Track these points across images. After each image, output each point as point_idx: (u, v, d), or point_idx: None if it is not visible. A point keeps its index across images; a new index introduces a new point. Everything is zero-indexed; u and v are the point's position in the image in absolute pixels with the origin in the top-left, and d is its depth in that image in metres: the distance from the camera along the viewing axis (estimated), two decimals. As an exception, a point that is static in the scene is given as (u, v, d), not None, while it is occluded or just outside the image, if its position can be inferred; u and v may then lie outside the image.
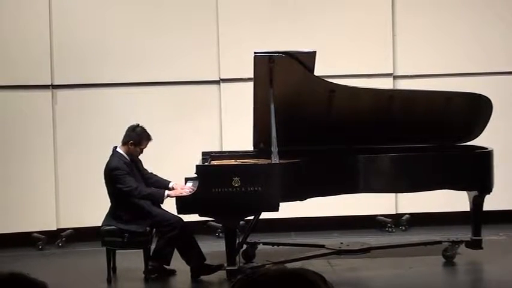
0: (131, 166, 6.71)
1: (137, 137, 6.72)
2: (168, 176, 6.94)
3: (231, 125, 8.38)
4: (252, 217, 6.77)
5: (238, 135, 7.91)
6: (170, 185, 6.75)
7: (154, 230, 6.71)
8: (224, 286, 6.50)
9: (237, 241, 6.45)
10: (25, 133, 8.27)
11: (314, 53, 6.36)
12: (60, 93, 8.40)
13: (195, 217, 6.53)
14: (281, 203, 6.26)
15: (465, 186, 6.88)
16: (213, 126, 8.49)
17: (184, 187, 6.62)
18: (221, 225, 7.67)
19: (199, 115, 8.45)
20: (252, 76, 6.42)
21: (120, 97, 8.43)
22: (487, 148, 6.89)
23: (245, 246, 7.10)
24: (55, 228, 8.32)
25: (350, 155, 6.68)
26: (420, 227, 8.47)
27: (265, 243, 7.35)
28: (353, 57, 8.45)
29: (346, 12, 8.54)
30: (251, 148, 6.96)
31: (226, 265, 6.42)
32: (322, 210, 7.99)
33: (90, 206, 7.95)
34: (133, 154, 6.75)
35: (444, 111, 6.91)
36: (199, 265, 6.67)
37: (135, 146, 6.72)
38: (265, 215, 6.77)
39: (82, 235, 8.17)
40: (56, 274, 6.85)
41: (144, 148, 6.77)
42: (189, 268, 6.69)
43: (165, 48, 8.44)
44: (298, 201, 6.47)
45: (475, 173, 6.84)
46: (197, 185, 6.31)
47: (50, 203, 8.32)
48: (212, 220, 7.86)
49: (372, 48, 8.50)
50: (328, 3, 8.56)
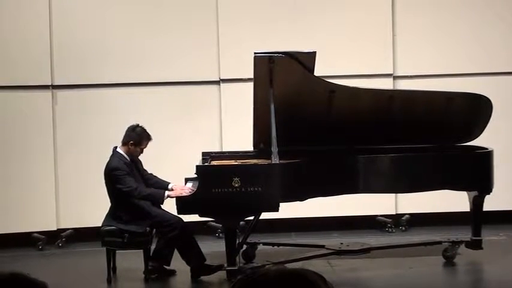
0: (131, 166, 6.71)
1: (137, 137, 6.72)
2: (168, 176, 6.94)
3: (231, 125, 8.38)
4: (252, 217, 6.78)
5: (238, 135, 7.91)
6: (169, 186, 6.74)
7: (154, 231, 6.71)
8: (224, 286, 6.50)
9: (237, 241, 6.45)
10: (25, 133, 8.27)
11: (314, 53, 6.36)
12: (60, 93, 8.40)
13: (195, 217, 6.53)
14: (281, 203, 6.26)
15: (465, 186, 6.88)
16: (213, 126, 8.49)
17: (184, 187, 6.61)
18: (221, 225, 7.67)
19: (199, 115, 8.45)
20: (252, 76, 6.42)
21: (120, 97, 8.43)
22: (487, 148, 6.89)
23: (245, 246, 7.10)
24: (55, 228, 8.32)
25: (350, 155, 6.68)
26: (420, 227, 8.47)
27: (265, 243, 7.35)
28: (353, 57, 8.45)
29: (346, 12, 8.54)
30: (251, 148, 6.96)
31: (226, 265, 6.42)
32: (322, 210, 7.99)
33: (90, 206, 7.96)
34: (133, 154, 6.75)
35: (444, 111, 6.91)
36: (199, 265, 6.67)
37: (135, 146, 6.72)
38: (265, 215, 6.77)
39: (82, 235, 8.17)
40: (56, 274, 6.85)
41: (144, 148, 6.77)
42: (189, 268, 6.69)
43: (165, 48, 8.44)
44: (298, 201, 6.47)
45: (475, 173, 6.84)
46: (197, 185, 6.31)
47: (50, 203, 8.32)
48: (212, 220, 7.86)
49: (372, 48, 8.50)
50: (328, 3, 8.56)
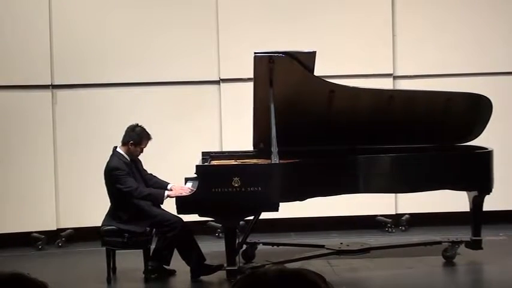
0: (131, 166, 6.71)
1: (137, 137, 6.72)
2: (168, 176, 6.94)
3: (231, 125, 8.38)
4: (252, 217, 6.78)
5: (238, 135, 7.92)
6: (169, 186, 6.74)
7: (154, 230, 6.71)
8: (224, 286, 6.50)
9: (237, 241, 6.45)
10: (25, 133, 8.28)
11: (314, 53, 6.36)
12: (60, 93, 8.40)
13: (195, 217, 6.53)
14: (281, 203, 6.26)
15: (465, 186, 6.89)
16: (213, 126, 8.50)
17: (183, 187, 6.61)
18: (221, 225, 7.67)
19: (199, 115, 8.46)
20: (252, 76, 6.43)
21: (120, 97, 8.43)
22: (487, 148, 6.89)
23: (245, 246, 7.11)
24: (55, 228, 8.32)
25: (350, 155, 6.68)
26: (420, 227, 8.47)
27: (265, 243, 7.35)
28: (353, 57, 8.45)
29: (346, 12, 8.54)
30: (251, 148, 6.96)
31: (226, 265, 6.42)
32: (322, 210, 8.00)
33: (90, 206, 7.96)
34: (133, 154, 6.75)
35: (444, 111, 6.91)
36: (199, 265, 6.67)
37: (136, 146, 6.72)
38: (265, 215, 6.77)
39: (82, 235, 8.18)
40: (56, 274, 6.85)
41: (144, 148, 6.77)
42: (189, 268, 6.69)
43: (165, 48, 8.44)
44: (298, 201, 6.47)
45: (475, 173, 6.84)
46: (197, 185, 6.31)
47: (50, 203, 8.32)
48: (212, 220, 7.87)
49: (372, 48, 8.51)
50: (328, 3, 8.57)
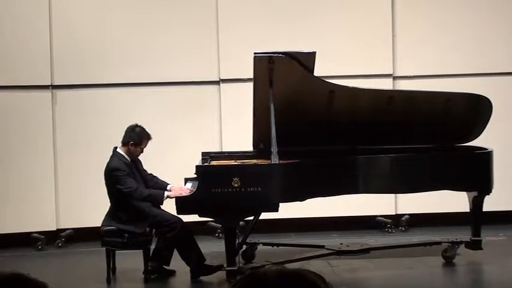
0: (131, 167, 6.72)
1: (137, 137, 6.72)
2: (168, 176, 6.94)
3: (231, 125, 8.38)
4: (252, 217, 6.78)
5: (238, 135, 7.92)
6: (168, 187, 6.74)
7: (154, 231, 6.71)
8: (224, 286, 6.50)
9: (237, 241, 6.45)
10: (25, 133, 8.28)
11: (314, 54, 6.36)
12: (60, 93, 8.40)
13: (195, 217, 6.53)
14: (281, 204, 6.26)
15: (465, 186, 6.89)
16: (213, 126, 8.50)
17: (182, 188, 6.62)
18: (221, 225, 7.67)
19: (199, 115, 8.46)
20: (252, 76, 6.43)
21: (120, 97, 8.43)
22: (487, 149, 6.89)
23: (245, 246, 7.11)
24: (55, 228, 8.32)
25: (349, 156, 6.68)
26: (420, 228, 8.48)
27: (264, 243, 7.35)
28: (353, 57, 8.45)
29: (346, 12, 8.54)
30: (251, 148, 6.96)
31: (226, 265, 6.42)
32: (322, 210, 8.00)
33: (89, 206, 7.96)
34: (133, 154, 6.75)
35: (444, 112, 6.91)
36: (199, 265, 6.67)
37: (136, 146, 6.72)
38: (265, 216, 6.77)
39: (82, 235, 8.18)
40: (56, 274, 6.85)
41: (144, 148, 6.77)
42: (189, 268, 6.69)
43: (165, 48, 8.44)
44: (297, 201, 6.47)
45: (475, 174, 6.84)
46: (197, 186, 6.31)
47: (50, 203, 8.32)
48: (212, 220, 7.86)
49: (372, 48, 8.51)
50: (328, 3, 8.57)
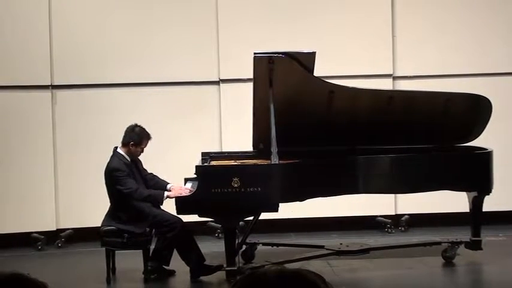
0: (131, 167, 6.72)
1: (137, 137, 6.72)
2: (168, 176, 6.94)
3: (231, 126, 8.38)
4: (252, 217, 6.78)
5: (238, 135, 7.92)
6: (168, 187, 6.74)
7: (153, 231, 6.71)
8: (223, 287, 6.50)
9: (237, 242, 6.45)
10: (25, 133, 8.28)
11: (314, 54, 6.36)
12: (60, 93, 8.40)
13: (195, 217, 6.53)
14: (280, 204, 6.26)
15: (465, 187, 6.89)
16: (213, 126, 8.50)
17: (182, 188, 6.62)
18: (220, 225, 7.66)
19: (199, 115, 8.46)
20: (252, 76, 6.43)
21: (119, 97, 8.43)
22: (487, 149, 6.89)
23: (244, 246, 7.11)
24: (54, 228, 8.32)
25: (349, 156, 6.68)
26: (420, 228, 8.48)
27: (264, 243, 7.35)
28: (353, 57, 8.45)
29: (346, 12, 8.54)
30: (251, 148, 6.96)
31: (225, 266, 6.42)
32: (321, 210, 8.00)
33: (89, 206, 7.96)
34: (134, 154, 6.75)
35: (444, 112, 6.91)
36: (198, 265, 6.67)
37: (136, 146, 6.72)
38: (264, 216, 6.77)
39: (81, 235, 8.18)
40: (56, 274, 6.84)
41: (145, 147, 6.77)
42: (189, 268, 6.69)
43: (165, 48, 8.45)
44: (297, 201, 6.47)
45: (475, 174, 6.84)
46: (197, 186, 6.31)
47: (50, 204, 8.32)
48: (212, 220, 7.86)
49: (372, 48, 8.51)
50: (328, 3, 8.57)
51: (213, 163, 6.91)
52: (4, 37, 8.28)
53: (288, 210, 6.65)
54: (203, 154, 7.08)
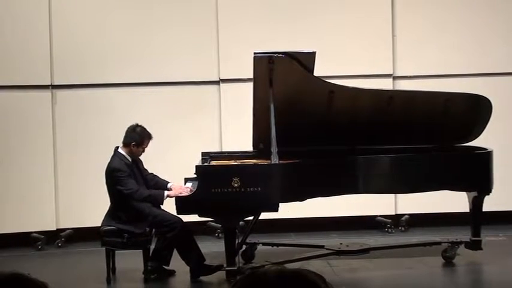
0: (132, 167, 6.72)
1: (139, 138, 6.72)
2: (168, 176, 6.94)
3: (231, 125, 8.38)
4: (252, 217, 6.78)
5: (238, 135, 7.92)
6: (168, 186, 6.75)
7: (153, 231, 6.71)
8: (223, 286, 6.50)
9: (237, 241, 6.44)
10: (25, 133, 8.27)
11: (314, 54, 6.36)
12: (59, 93, 8.40)
13: (195, 217, 6.53)
14: (280, 204, 6.26)
15: (465, 187, 6.88)
16: (213, 126, 8.50)
17: (182, 187, 6.62)
18: (221, 225, 7.67)
19: (199, 115, 8.46)
20: (252, 76, 6.42)
21: (119, 97, 8.43)
22: (487, 149, 6.89)
23: (244, 246, 7.10)
24: (54, 228, 8.32)
25: (349, 156, 6.68)
26: (420, 228, 8.48)
27: (264, 243, 7.35)
28: (353, 57, 8.45)
29: (346, 12, 8.54)
30: (251, 148, 6.96)
31: (225, 265, 6.42)
32: (321, 210, 7.99)
33: (89, 206, 7.96)
34: (135, 154, 6.75)
35: (444, 112, 6.91)
36: (198, 265, 6.67)
37: (138, 147, 6.72)
38: (264, 216, 6.77)
39: (81, 235, 8.18)
40: (56, 274, 6.84)
41: (146, 147, 6.77)
42: (189, 268, 6.69)
43: (165, 48, 8.44)
44: (297, 201, 6.47)
45: (475, 174, 6.84)
46: (197, 186, 6.31)
47: (50, 203, 8.32)
48: (212, 220, 7.86)
49: (372, 48, 8.51)
50: (328, 3, 8.57)
51: (213, 163, 6.90)
52: (4, 37, 8.27)
53: (286, 210, 6.64)
54: (203, 154, 7.07)
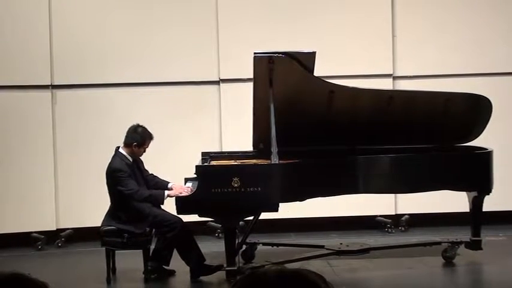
0: (133, 167, 6.72)
1: (140, 138, 6.71)
2: (168, 176, 6.94)
3: (231, 125, 8.38)
4: (252, 217, 6.78)
5: (238, 135, 7.92)
6: (169, 185, 6.75)
7: (153, 231, 6.71)
8: (224, 286, 6.50)
9: (237, 241, 6.44)
10: (25, 133, 8.27)
11: (314, 54, 6.36)
12: (59, 93, 8.40)
13: (195, 217, 6.53)
14: (280, 204, 6.26)
15: (465, 186, 6.88)
16: (213, 126, 8.50)
17: (183, 187, 6.62)
18: (221, 225, 7.67)
19: (199, 115, 8.46)
20: (252, 76, 6.42)
21: (119, 97, 8.43)
22: (487, 149, 6.89)
23: (245, 246, 7.10)
24: (54, 228, 8.32)
25: (349, 156, 6.68)
26: (420, 228, 8.48)
27: (264, 243, 7.35)
28: (353, 57, 8.45)
29: (346, 12, 8.54)
30: (251, 148, 6.96)
31: (225, 265, 6.42)
32: (321, 210, 7.99)
33: (89, 206, 7.96)
34: (136, 155, 6.75)
35: (444, 112, 6.91)
36: (198, 265, 6.67)
37: (139, 147, 6.72)
38: (264, 216, 6.77)
39: (81, 235, 8.18)
40: (56, 274, 6.84)
41: (147, 147, 6.77)
42: (189, 268, 6.69)
43: (165, 48, 8.44)
44: (297, 201, 6.47)
45: (475, 174, 6.84)
46: (197, 186, 6.31)
47: (50, 203, 8.32)
48: (212, 220, 7.86)
49: (372, 48, 8.51)
50: (328, 3, 8.57)
51: (213, 163, 6.90)
52: (4, 37, 8.28)
53: (286, 210, 6.64)
54: (203, 154, 7.07)
